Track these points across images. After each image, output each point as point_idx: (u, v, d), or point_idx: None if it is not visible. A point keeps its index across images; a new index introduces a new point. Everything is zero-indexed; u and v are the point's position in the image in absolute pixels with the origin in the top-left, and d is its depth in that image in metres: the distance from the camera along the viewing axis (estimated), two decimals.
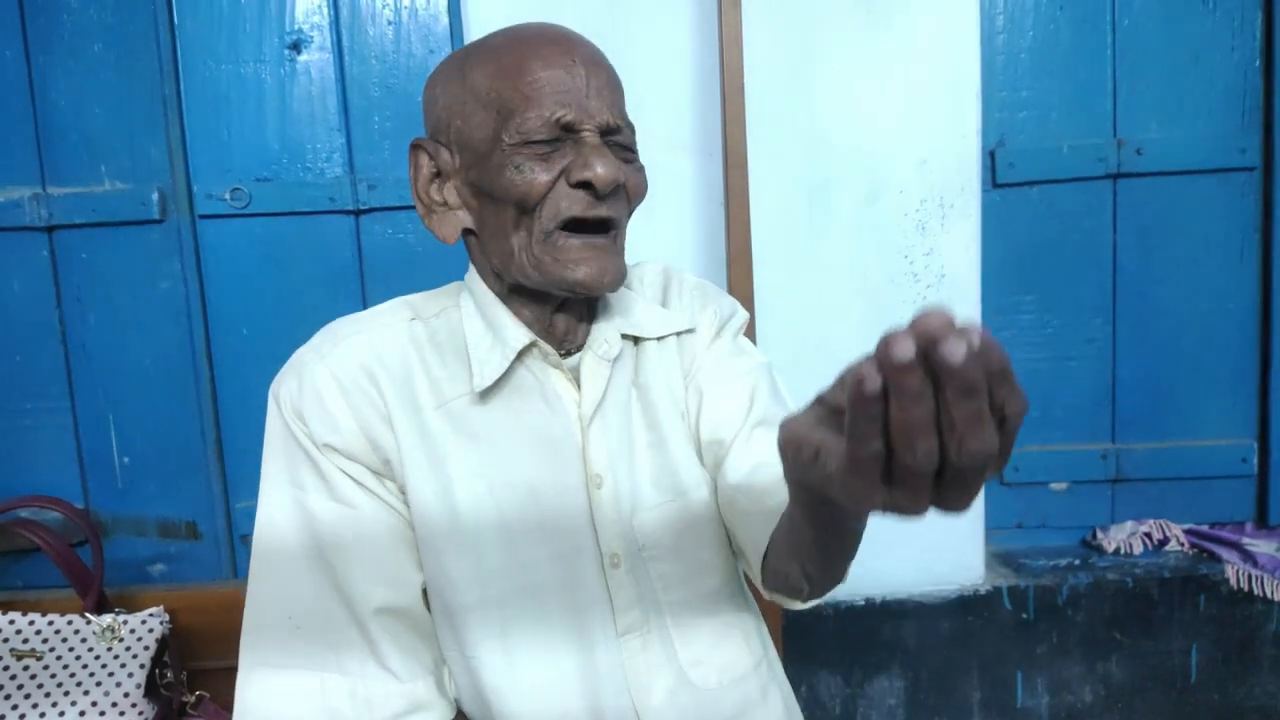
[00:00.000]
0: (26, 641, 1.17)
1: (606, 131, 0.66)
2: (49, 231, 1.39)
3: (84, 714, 1.14)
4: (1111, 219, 1.46)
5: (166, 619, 1.22)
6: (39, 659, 1.16)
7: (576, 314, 0.74)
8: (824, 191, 1.35)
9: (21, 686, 1.15)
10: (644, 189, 0.71)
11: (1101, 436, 1.50)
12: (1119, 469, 1.49)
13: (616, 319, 0.76)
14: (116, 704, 1.15)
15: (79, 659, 1.17)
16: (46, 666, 1.16)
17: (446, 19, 1.40)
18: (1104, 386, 1.49)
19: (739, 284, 1.22)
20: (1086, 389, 1.49)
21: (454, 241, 0.71)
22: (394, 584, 0.67)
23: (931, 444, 0.33)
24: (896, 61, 1.32)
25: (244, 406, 1.44)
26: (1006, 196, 1.45)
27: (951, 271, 1.36)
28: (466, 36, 1.33)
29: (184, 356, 1.42)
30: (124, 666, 1.17)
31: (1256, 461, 1.48)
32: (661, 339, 0.77)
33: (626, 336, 0.76)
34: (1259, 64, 1.42)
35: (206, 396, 1.44)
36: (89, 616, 1.19)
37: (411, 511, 0.68)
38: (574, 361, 0.73)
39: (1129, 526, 1.49)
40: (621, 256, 0.70)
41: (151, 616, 1.21)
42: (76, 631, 1.18)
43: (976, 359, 0.31)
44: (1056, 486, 1.51)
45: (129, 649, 1.18)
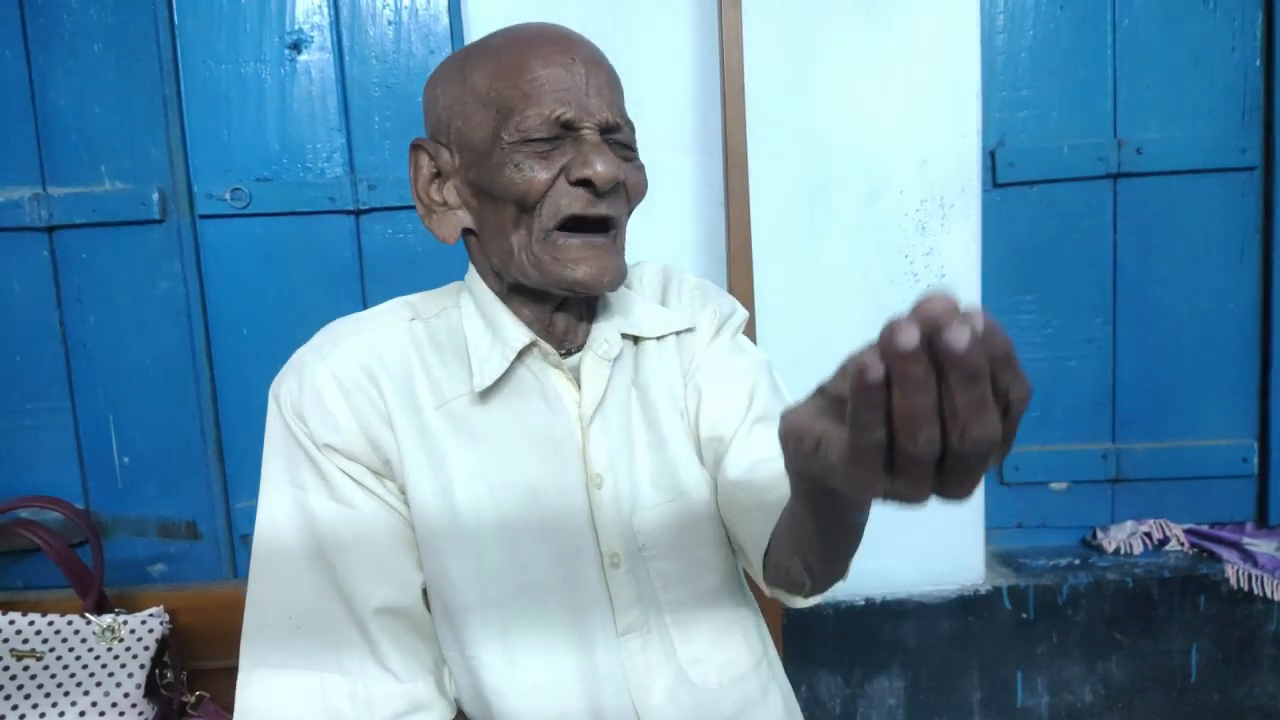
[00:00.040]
0: (26, 642, 1.17)
1: (606, 129, 0.67)
2: (49, 231, 1.39)
3: (84, 714, 1.14)
4: (1111, 219, 1.46)
5: (166, 619, 1.22)
6: (39, 659, 1.16)
7: (576, 313, 0.74)
8: (824, 191, 1.35)
9: (21, 687, 1.15)
10: (644, 188, 0.71)
11: (1101, 436, 1.50)
12: (1119, 469, 1.49)
13: (616, 318, 0.76)
14: (116, 704, 1.15)
15: (79, 659, 1.17)
16: (46, 667, 1.16)
17: (446, 19, 1.40)
18: (1104, 386, 1.49)
19: (739, 284, 1.22)
20: (1086, 389, 1.49)
21: (454, 241, 0.71)
22: (394, 584, 0.67)
23: (934, 431, 0.32)
24: (897, 61, 1.32)
25: (244, 406, 1.44)
26: (1006, 196, 1.45)
27: (952, 271, 1.36)
28: (466, 36, 1.33)
29: (184, 356, 1.42)
30: (124, 667, 1.17)
31: (1256, 461, 1.48)
32: (661, 338, 0.77)
33: (626, 336, 0.76)
34: (1259, 64, 1.42)
35: (206, 396, 1.44)
36: (89, 617, 1.19)
37: (411, 511, 0.68)
38: (574, 361, 0.73)
39: (1129, 526, 1.49)
40: (621, 255, 0.70)
41: (151, 617, 1.21)
42: (76, 632, 1.18)
43: (980, 345, 0.31)
44: (1056, 486, 1.51)
45: (129, 649, 1.18)
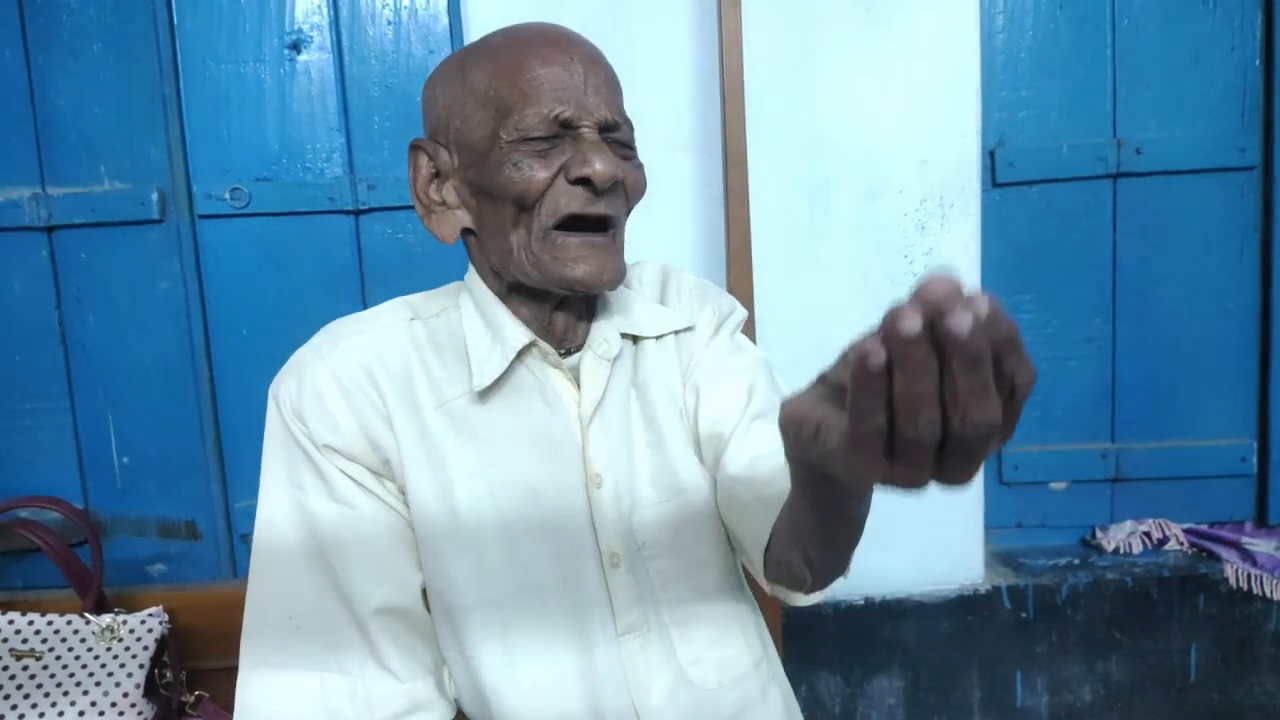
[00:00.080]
0: (26, 642, 1.17)
1: (605, 128, 0.67)
2: (49, 231, 1.39)
3: (83, 714, 1.14)
4: (1111, 219, 1.46)
5: (166, 619, 1.22)
6: (38, 659, 1.16)
7: (576, 313, 0.74)
8: (824, 191, 1.35)
9: (21, 687, 1.15)
10: (643, 186, 0.71)
11: (1101, 436, 1.50)
12: (1118, 468, 1.49)
13: (616, 318, 0.76)
14: (116, 704, 1.15)
15: (78, 659, 1.17)
16: (46, 667, 1.16)
17: (446, 19, 1.40)
18: (1104, 386, 1.49)
19: (739, 284, 1.22)
20: (1086, 389, 1.49)
21: (453, 241, 0.71)
22: (394, 584, 0.67)
23: (934, 415, 0.32)
24: (896, 61, 1.32)
25: (244, 406, 1.44)
26: (1006, 196, 1.45)
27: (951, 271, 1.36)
28: (466, 36, 1.33)
29: (184, 356, 1.42)
30: (123, 666, 1.17)
31: (1256, 461, 1.47)
32: (660, 338, 0.77)
33: (626, 335, 0.76)
34: (1259, 64, 1.42)
35: (206, 396, 1.43)
36: (88, 616, 1.19)
37: (411, 511, 0.68)
38: (573, 361, 0.73)
39: (1128, 526, 1.49)
40: (620, 255, 0.70)
41: (151, 616, 1.21)
42: (76, 632, 1.18)
43: (982, 330, 0.30)
44: (1056, 486, 1.51)
45: (128, 649, 1.18)
